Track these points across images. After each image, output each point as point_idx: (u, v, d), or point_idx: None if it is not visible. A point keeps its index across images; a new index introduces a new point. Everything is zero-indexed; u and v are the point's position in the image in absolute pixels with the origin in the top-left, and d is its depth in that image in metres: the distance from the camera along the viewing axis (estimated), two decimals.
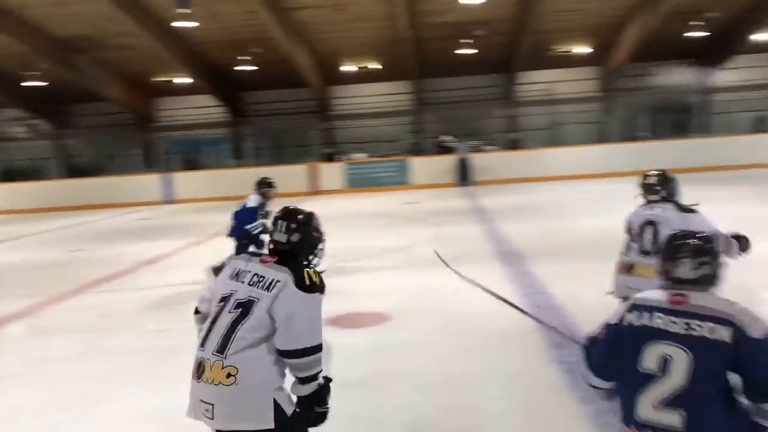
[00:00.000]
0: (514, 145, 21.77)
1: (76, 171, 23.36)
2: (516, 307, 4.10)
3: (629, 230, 4.42)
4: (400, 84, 24.45)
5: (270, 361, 2.41)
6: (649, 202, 4.37)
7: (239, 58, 21.04)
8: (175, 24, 16.95)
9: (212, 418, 2.38)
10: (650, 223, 4.18)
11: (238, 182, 19.08)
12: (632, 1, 18.71)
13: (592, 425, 3.42)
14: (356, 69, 23.52)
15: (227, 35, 19.91)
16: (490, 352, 4.63)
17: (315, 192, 20.30)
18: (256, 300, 2.44)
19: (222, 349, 2.39)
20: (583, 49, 22.52)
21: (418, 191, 19.16)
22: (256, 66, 21.54)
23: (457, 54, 21.43)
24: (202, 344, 2.47)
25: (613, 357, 2.27)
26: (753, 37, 20.98)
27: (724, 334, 2.08)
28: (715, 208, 11.24)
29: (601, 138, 23.23)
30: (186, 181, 21.67)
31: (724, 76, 23.31)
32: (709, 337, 2.09)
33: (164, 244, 11.12)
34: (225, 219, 14.62)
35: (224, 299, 2.51)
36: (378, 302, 6.11)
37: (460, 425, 3.58)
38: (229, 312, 2.46)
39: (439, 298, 6.13)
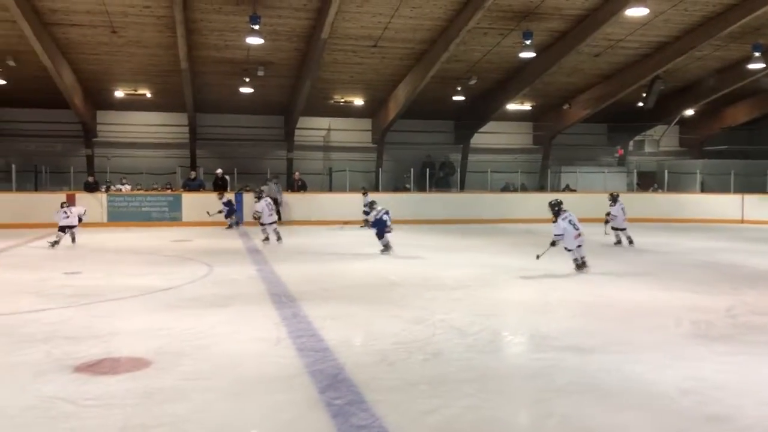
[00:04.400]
0: (296, 187, 22.01)
1: None
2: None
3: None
4: (175, 115, 23.61)
5: None
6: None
7: None
8: None
9: None
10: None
11: None
12: (405, 62, 20.21)
13: None
14: (127, 95, 22.25)
15: None
16: (255, 398, 4.48)
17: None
18: None
19: None
20: (359, 100, 23.72)
21: (189, 228, 18.42)
22: (10, 81, 19.42)
23: (235, 92, 21.33)
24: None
25: None
26: (508, 106, 23.82)
27: None
28: (470, 255, 12.30)
29: (372, 187, 24.47)
30: None
31: (479, 138, 26.08)
32: None
33: None
34: None
35: None
36: (136, 346, 5.66)
37: None
38: None
39: (204, 342, 5.86)
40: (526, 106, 25.15)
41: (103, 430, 3.86)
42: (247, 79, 20.45)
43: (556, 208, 10.02)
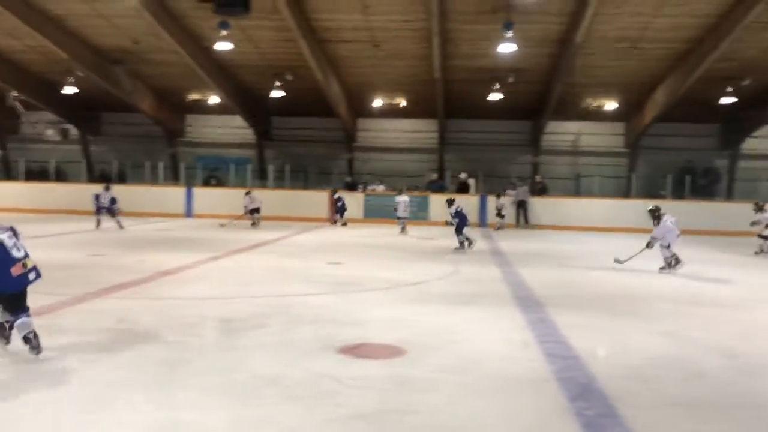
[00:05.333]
0: (540, 191, 21.84)
1: (102, 177, 23.57)
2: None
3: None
4: (426, 122, 24.69)
5: None
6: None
7: (272, 83, 21.42)
8: (214, 45, 17.38)
9: None
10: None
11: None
12: (665, 63, 18.86)
13: None
14: (384, 104, 23.81)
15: (263, 61, 20.32)
16: (503, 398, 4.54)
17: (334, 219, 20.39)
18: None
19: None
20: (611, 104, 22.66)
21: (434, 228, 19.14)
22: (287, 92, 21.89)
23: (484, 98, 21.66)
24: None
25: None
26: None
27: None
28: (733, 270, 11.13)
29: (623, 193, 23.21)
30: (208, 196, 21.92)
31: (751, 143, 23.32)
32: None
33: (184, 256, 11.18)
34: (245, 236, 14.90)
35: None
36: (390, 335, 6.06)
37: None
38: None
39: (452, 337, 6.07)
40: None
41: (363, 410, 4.19)
42: (497, 86, 20.68)
43: (657, 213, 10.94)
